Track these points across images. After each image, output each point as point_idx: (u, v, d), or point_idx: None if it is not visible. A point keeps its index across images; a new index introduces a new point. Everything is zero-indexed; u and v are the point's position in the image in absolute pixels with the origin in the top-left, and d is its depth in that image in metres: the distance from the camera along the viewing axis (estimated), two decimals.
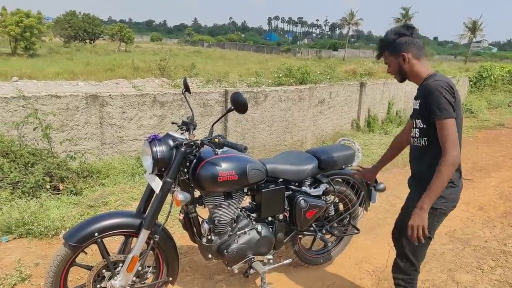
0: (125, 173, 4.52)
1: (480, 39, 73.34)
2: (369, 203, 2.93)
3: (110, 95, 4.77)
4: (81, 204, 3.78)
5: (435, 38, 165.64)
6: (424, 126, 1.92)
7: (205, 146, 2.05)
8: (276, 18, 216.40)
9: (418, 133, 1.98)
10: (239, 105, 1.93)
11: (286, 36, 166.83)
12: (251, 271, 2.39)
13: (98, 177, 4.42)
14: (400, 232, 2.10)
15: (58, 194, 3.97)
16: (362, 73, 13.25)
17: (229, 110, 1.99)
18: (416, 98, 1.99)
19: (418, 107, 1.94)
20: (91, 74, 17.23)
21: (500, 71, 16.01)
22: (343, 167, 2.75)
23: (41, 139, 4.16)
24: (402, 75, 2.02)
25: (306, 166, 2.51)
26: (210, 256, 2.28)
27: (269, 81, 9.82)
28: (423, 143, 1.96)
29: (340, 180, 2.77)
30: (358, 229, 2.87)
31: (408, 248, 2.05)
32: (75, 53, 27.91)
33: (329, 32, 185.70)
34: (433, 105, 1.80)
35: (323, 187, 2.56)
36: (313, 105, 6.94)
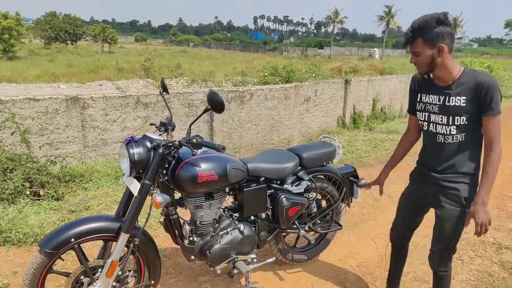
0: (108, 176, 4.45)
1: (461, 36, 74.68)
2: (351, 199, 2.95)
3: (91, 97, 4.69)
4: (62, 209, 3.71)
5: None
6: (466, 122, 1.87)
7: (183, 147, 2.03)
8: (262, 17, 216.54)
9: (455, 130, 1.91)
10: (215, 104, 1.91)
11: (272, 35, 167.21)
12: (235, 271, 2.38)
13: (80, 181, 4.34)
14: (447, 226, 2.09)
15: (39, 200, 3.88)
16: (346, 70, 13.39)
17: (206, 110, 1.98)
18: (456, 94, 1.88)
19: (464, 104, 1.86)
20: (73, 76, 16.95)
21: (480, 66, 16.36)
22: (324, 164, 2.76)
23: (19, 144, 4.07)
24: (431, 68, 1.88)
25: (287, 164, 2.51)
26: (192, 257, 2.26)
27: (255, 80, 9.82)
28: (461, 139, 1.92)
29: (322, 177, 2.78)
30: (340, 225, 2.89)
31: (456, 239, 2.10)
32: (56, 54, 27.40)
33: (315, 31, 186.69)
34: (491, 101, 1.79)
35: (304, 184, 2.57)
36: (299, 103, 6.97)
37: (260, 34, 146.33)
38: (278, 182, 2.53)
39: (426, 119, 2.03)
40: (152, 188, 1.99)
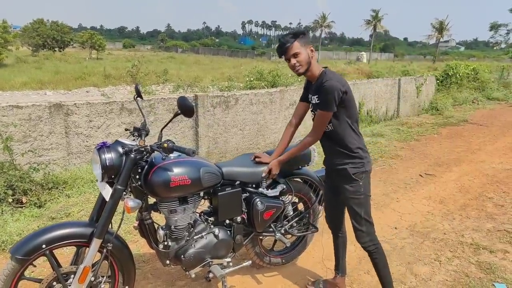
0: (92, 183, 4.44)
1: (447, 39, 75.85)
2: None
3: (75, 103, 4.68)
4: (43, 216, 3.69)
5: (405, 39, 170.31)
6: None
7: (157, 152, 2.04)
8: (250, 22, 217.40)
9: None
10: (185, 109, 1.94)
11: (260, 40, 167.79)
12: (211, 275, 2.39)
13: (64, 188, 4.32)
14: (348, 205, 2.38)
15: (22, 207, 3.86)
16: None
17: (176, 115, 2.00)
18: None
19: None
20: (60, 83, 16.83)
21: (465, 69, 16.62)
22: (300, 167, 2.79)
23: (2, 152, 4.04)
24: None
25: (262, 167, 2.53)
26: (168, 262, 2.27)
27: (241, 85, 9.86)
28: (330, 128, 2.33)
29: (298, 180, 2.82)
30: (316, 228, 2.92)
31: (364, 212, 2.33)
32: (44, 62, 27.15)
33: None
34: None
35: (280, 187, 2.59)
36: (285, 108, 7.02)
37: (248, 39, 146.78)
38: (254, 185, 2.55)
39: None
40: (124, 193, 2.00)
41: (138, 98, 2.29)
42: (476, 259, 3.19)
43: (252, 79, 9.29)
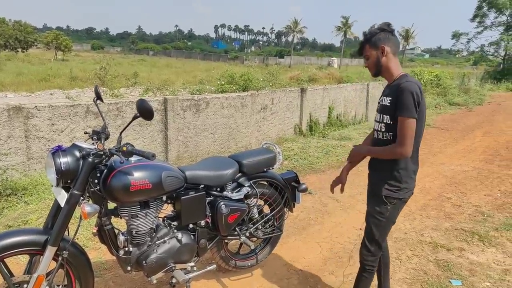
0: None
1: (413, 46, 78.88)
2: (293, 203, 3.02)
3: (36, 106, 4.50)
4: None
5: None
6: (391, 122, 2.06)
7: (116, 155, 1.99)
8: (223, 26, 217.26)
9: (384, 128, 2.11)
10: (144, 111, 1.91)
11: (233, 44, 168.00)
12: (174, 280, 2.36)
13: (23, 194, 4.14)
14: (367, 220, 2.27)
15: None
16: (302, 79, 13.74)
17: (135, 117, 1.97)
18: (386, 95, 2.11)
19: (389, 104, 2.07)
20: (22, 85, 16.15)
21: (429, 75, 17.36)
22: (265, 170, 2.81)
23: None
24: (378, 68, 2.12)
25: (226, 171, 2.53)
26: (129, 268, 2.22)
27: (212, 89, 9.83)
28: (389, 137, 2.09)
29: (264, 183, 2.83)
30: (281, 230, 2.94)
31: (379, 235, 2.22)
32: (5, 62, 25.94)
33: (276, 40, 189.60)
34: (401, 104, 1.97)
35: (244, 190, 2.60)
36: (256, 112, 7.05)
37: (221, 43, 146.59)
38: (218, 189, 2.54)
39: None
40: (82, 198, 1.94)
41: (98, 101, 2.23)
42: (434, 257, 3.31)
43: (223, 82, 9.28)
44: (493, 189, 5.15)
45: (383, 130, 2.12)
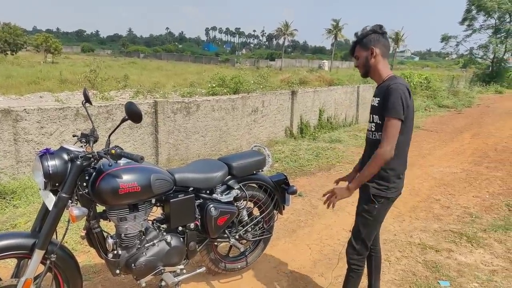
0: None
1: (403, 49, 79.82)
2: (283, 206, 3.03)
3: (25, 109, 4.46)
4: None
5: None
6: (380, 122, 2.09)
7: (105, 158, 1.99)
8: (214, 28, 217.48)
9: (374, 128, 2.16)
10: (133, 114, 1.92)
11: (224, 46, 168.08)
12: (163, 283, 2.35)
13: (12, 198, 4.10)
14: (356, 219, 2.31)
15: None
16: (293, 81, 13.79)
17: (123, 120, 1.97)
18: (375, 96, 2.16)
19: (377, 104, 2.12)
20: (11, 87, 15.94)
21: (419, 78, 17.57)
22: (255, 172, 2.82)
23: None
24: (366, 69, 2.17)
25: (215, 173, 2.54)
26: (118, 271, 2.21)
27: (203, 91, 9.82)
28: (379, 137, 2.11)
29: (254, 185, 2.84)
30: (271, 233, 2.95)
31: (365, 234, 2.25)
32: None
33: (267, 43, 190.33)
34: (388, 104, 2.01)
35: (234, 193, 2.61)
36: (247, 114, 7.06)
37: (212, 46, 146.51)
38: (207, 191, 2.55)
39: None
40: (70, 201, 1.93)
41: (87, 104, 2.23)
42: (423, 259, 3.35)
43: (214, 85, 9.28)
44: (481, 190, 5.23)
45: (373, 130, 2.17)
